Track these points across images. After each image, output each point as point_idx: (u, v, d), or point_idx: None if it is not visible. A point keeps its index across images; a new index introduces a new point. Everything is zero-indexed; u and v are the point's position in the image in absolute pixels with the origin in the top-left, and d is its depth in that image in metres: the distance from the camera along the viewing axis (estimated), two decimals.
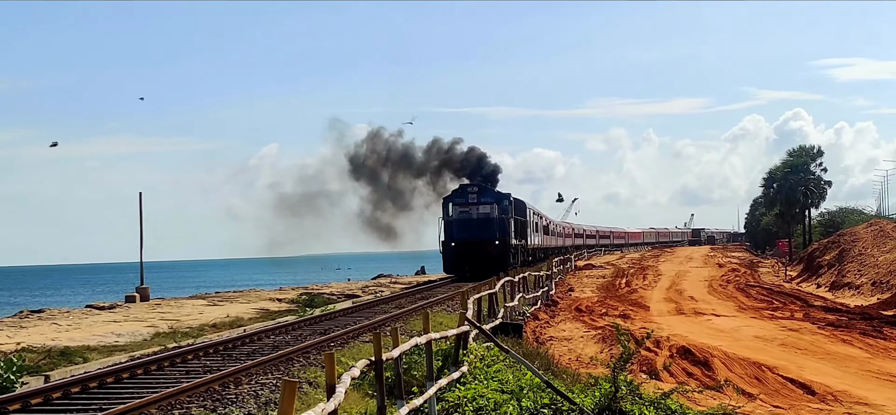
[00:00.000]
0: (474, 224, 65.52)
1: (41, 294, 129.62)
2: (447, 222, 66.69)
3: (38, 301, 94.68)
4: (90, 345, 34.42)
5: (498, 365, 20.02)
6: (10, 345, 35.61)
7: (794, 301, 48.64)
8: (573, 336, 34.01)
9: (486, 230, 65.04)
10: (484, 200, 66.82)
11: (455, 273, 66.50)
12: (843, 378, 25.62)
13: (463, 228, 65.57)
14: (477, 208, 66.50)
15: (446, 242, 66.17)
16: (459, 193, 68.29)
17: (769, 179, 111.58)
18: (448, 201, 68.14)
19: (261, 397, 18.22)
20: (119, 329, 42.59)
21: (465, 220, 65.94)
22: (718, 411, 18.17)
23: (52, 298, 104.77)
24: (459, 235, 65.32)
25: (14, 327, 45.69)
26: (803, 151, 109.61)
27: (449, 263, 67.34)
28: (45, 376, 23.40)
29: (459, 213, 66.74)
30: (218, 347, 26.79)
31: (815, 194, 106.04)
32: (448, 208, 67.55)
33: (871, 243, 67.21)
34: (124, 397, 18.36)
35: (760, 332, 35.68)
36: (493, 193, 68.62)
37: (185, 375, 21.39)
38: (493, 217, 65.94)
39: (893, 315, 39.97)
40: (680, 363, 27.30)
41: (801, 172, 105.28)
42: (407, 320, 33.75)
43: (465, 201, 66.95)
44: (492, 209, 66.39)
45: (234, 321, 43.11)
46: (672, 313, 44.04)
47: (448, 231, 66.31)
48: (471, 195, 67.15)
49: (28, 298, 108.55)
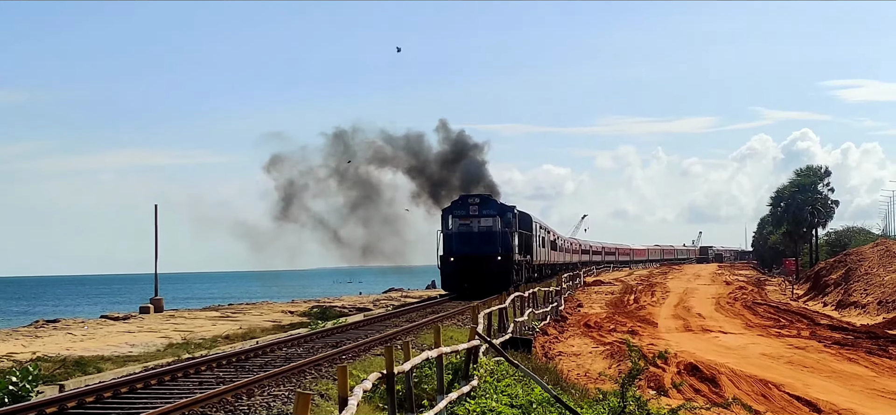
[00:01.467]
0: (476, 238, 60.18)
1: (56, 304, 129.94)
2: (446, 235, 61.39)
3: (54, 311, 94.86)
4: (104, 355, 34.47)
5: (507, 379, 20.01)
6: (25, 354, 35.68)
7: (801, 319, 48.49)
8: (582, 352, 33.97)
9: (489, 245, 59.92)
10: (486, 212, 61.18)
11: (454, 290, 60.64)
12: (848, 397, 25.55)
13: (463, 241, 60.34)
14: (478, 221, 61.00)
15: (445, 257, 60.74)
16: (460, 205, 62.41)
17: (777, 198, 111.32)
18: (447, 213, 62.60)
19: (273, 409, 18.21)
20: (133, 340, 42.65)
21: (465, 233, 60.65)
22: None
23: (67, 309, 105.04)
24: (459, 250, 60.11)
25: (30, 336, 45.79)
26: (811, 170, 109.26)
27: (448, 280, 61.49)
28: (59, 386, 23.42)
29: (460, 226, 61.20)
30: (231, 358, 26.78)
31: (822, 214, 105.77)
32: (448, 221, 62.05)
33: (877, 263, 67.00)
34: (138, 407, 18.37)
35: (767, 349, 35.60)
36: (496, 205, 62.74)
37: (198, 386, 21.38)
38: (495, 231, 60.59)
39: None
40: (687, 380, 27.23)
41: (809, 191, 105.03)
42: (418, 333, 33.68)
43: (465, 214, 61.35)
44: (495, 222, 60.91)
45: (246, 333, 43.13)
46: (680, 329, 43.98)
47: (447, 245, 61.09)
48: (472, 207, 61.43)
49: (44, 308, 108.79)
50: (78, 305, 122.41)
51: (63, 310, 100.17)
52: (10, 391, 20.69)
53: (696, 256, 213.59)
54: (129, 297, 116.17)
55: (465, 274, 59.22)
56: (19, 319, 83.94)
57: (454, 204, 62.99)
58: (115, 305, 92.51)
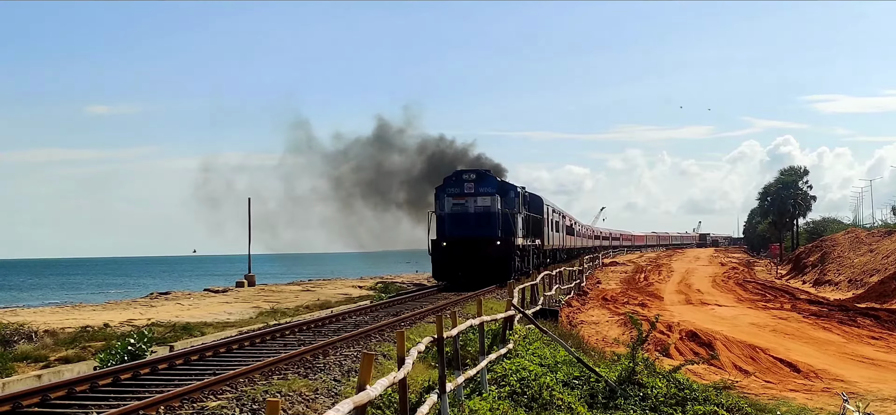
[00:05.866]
0: (471, 219, 44.85)
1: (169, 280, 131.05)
2: (439, 217, 45.72)
3: (166, 285, 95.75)
4: (206, 321, 34.79)
5: (537, 343, 19.96)
6: (142, 320, 36.10)
7: (784, 295, 48.08)
8: (600, 321, 33.84)
9: (485, 227, 44.55)
10: (483, 189, 45.19)
11: (446, 279, 45.69)
12: (823, 359, 25.36)
13: (457, 223, 44.94)
14: (475, 200, 45.15)
15: (437, 242, 45.11)
16: (454, 182, 46.00)
17: (764, 193, 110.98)
18: (441, 192, 46.33)
19: (344, 367, 18.25)
20: (230, 309, 42.96)
21: (459, 214, 45.02)
22: (719, 384, 18.00)
23: (176, 284, 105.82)
24: (452, 233, 44.85)
25: (146, 306, 46.28)
26: (792, 170, 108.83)
27: (439, 267, 45.60)
28: (169, 346, 23.65)
29: (454, 206, 45.26)
30: (310, 324, 26.88)
31: (802, 207, 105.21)
32: (442, 200, 45.91)
33: (848, 248, 66.46)
34: (234, 363, 18.49)
35: (755, 319, 35.34)
36: (494, 182, 46.20)
37: (283, 347, 21.48)
38: (494, 211, 44.85)
39: (866, 307, 39.46)
40: (688, 344, 27.14)
41: (791, 188, 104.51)
42: (463, 304, 33.62)
43: (459, 191, 45.36)
44: (493, 201, 45.02)
45: (323, 304, 43.34)
46: (682, 302, 43.72)
47: (440, 228, 45.59)
48: (467, 184, 45.44)
49: (158, 283, 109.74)
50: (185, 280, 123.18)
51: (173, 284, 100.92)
52: (130, 351, 20.94)
53: (697, 241, 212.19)
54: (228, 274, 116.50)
55: (459, 260, 44.70)
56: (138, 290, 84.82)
57: (447, 181, 46.70)
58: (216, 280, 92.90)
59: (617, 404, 15.32)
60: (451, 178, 46.59)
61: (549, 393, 15.35)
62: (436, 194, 46.99)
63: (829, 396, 19.58)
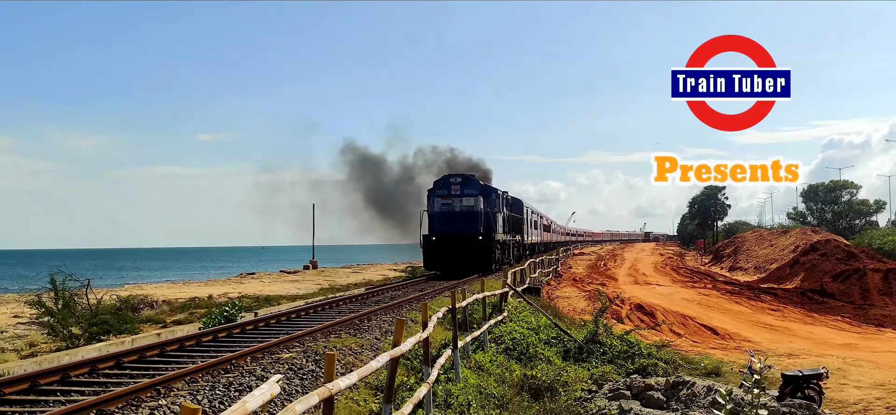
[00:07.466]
0: (458, 217, 40.01)
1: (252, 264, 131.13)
2: (430, 215, 40.89)
3: (251, 267, 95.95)
4: (282, 294, 34.88)
5: (525, 312, 19.94)
6: (234, 293, 36.23)
7: (706, 277, 47.83)
8: (571, 296, 33.71)
9: (470, 224, 39.83)
10: (468, 191, 40.40)
11: (436, 269, 41.24)
12: (736, 325, 25.25)
13: (445, 221, 40.24)
14: (460, 201, 40.33)
15: (428, 237, 40.36)
16: (442, 185, 41.10)
17: (693, 202, 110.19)
18: (431, 193, 41.52)
19: (383, 328, 18.28)
20: (299, 286, 43.06)
21: (447, 213, 40.22)
22: (659, 343, 17.95)
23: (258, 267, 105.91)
24: (441, 229, 40.15)
25: (237, 283, 46.47)
26: (713, 186, 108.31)
27: (429, 260, 40.60)
28: (254, 313, 23.69)
29: (442, 205, 40.50)
30: (357, 298, 26.89)
31: (720, 212, 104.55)
32: (432, 200, 41.18)
33: (755, 243, 66.25)
34: (302, 325, 18.53)
35: (685, 296, 35.16)
36: (478, 185, 41.16)
37: (337, 313, 21.49)
38: (477, 210, 40.04)
39: (767, 287, 39.32)
40: (636, 314, 27.02)
41: (712, 199, 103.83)
42: (471, 283, 33.56)
43: (447, 193, 40.59)
44: (476, 202, 40.25)
45: (368, 282, 43.37)
46: (631, 283, 43.50)
47: (430, 225, 40.85)
48: (454, 186, 40.67)
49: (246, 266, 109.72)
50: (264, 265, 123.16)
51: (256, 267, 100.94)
52: (225, 315, 20.99)
53: (643, 238, 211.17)
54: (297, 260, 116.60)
55: (447, 253, 40.02)
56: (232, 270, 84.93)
57: (437, 184, 41.74)
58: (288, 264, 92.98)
59: (584, 358, 15.30)
60: (440, 181, 41.64)
61: (534, 349, 15.36)
62: (428, 195, 42.16)
63: (740, 352, 19.52)
